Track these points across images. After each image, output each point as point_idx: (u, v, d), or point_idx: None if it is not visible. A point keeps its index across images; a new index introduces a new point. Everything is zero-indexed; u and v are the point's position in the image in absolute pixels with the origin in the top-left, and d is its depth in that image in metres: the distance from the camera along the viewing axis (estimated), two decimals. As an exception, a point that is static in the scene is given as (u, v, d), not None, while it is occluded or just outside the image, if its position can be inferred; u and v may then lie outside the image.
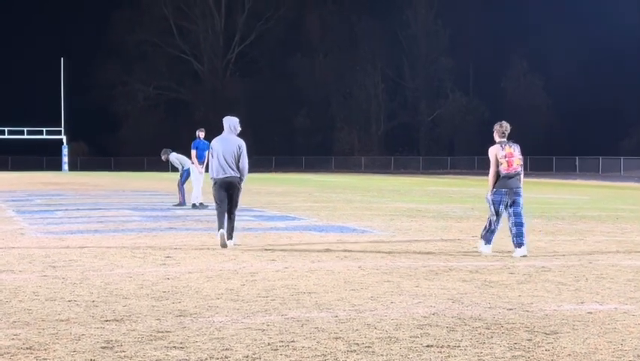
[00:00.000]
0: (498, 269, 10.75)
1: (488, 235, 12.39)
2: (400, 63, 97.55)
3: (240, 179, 13.19)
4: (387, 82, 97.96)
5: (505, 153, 12.13)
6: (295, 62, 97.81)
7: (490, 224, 12.34)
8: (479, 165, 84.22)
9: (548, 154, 79.36)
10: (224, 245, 12.90)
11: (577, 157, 76.50)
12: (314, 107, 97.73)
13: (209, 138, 16.64)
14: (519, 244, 12.11)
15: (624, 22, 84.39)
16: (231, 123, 13.31)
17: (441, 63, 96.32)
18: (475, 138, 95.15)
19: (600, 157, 74.19)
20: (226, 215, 13.15)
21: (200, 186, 22.58)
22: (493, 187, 12.23)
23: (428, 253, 12.50)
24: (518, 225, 12.13)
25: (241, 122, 13.53)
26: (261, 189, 35.08)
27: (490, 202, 12.28)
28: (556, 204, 26.31)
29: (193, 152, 22.93)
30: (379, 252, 12.54)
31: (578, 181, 53.05)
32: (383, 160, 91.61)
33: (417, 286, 9.33)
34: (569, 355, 6.28)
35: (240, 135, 13.49)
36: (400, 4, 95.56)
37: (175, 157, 24.35)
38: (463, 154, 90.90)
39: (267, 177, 58.20)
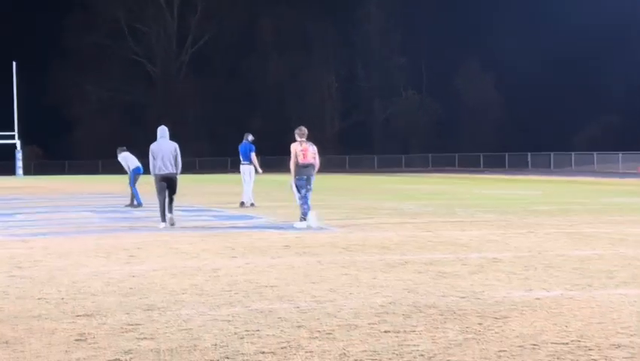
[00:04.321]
0: (451, 261, 11.17)
1: (304, 212, 16.22)
2: (353, 63, 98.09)
3: (176, 174, 16.85)
4: (341, 81, 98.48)
5: (302, 148, 16.40)
6: (249, 63, 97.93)
7: (301, 205, 16.26)
8: (433, 162, 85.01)
9: (501, 151, 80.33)
10: (172, 224, 16.57)
11: (529, 153, 77.51)
12: (269, 107, 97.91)
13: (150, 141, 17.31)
14: (303, 217, 16.20)
15: (574, 21, 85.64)
16: (165, 131, 16.96)
17: (394, 62, 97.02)
18: (429, 137, 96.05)
19: (552, 153, 75.26)
20: (167, 200, 16.76)
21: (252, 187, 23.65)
22: (296, 175, 16.29)
23: (384, 247, 12.87)
24: (306, 203, 16.22)
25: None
26: (218, 190, 35.35)
27: (295, 186, 16.38)
28: (509, 199, 26.89)
29: (253, 154, 23.84)
30: (337, 247, 12.90)
31: (531, 177, 53.90)
32: (338, 159, 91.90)
33: (374, 278, 9.71)
34: (517, 336, 6.72)
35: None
36: (353, 5, 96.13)
37: (122, 157, 24.26)
38: (417, 152, 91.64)
39: (224, 177, 58.32)
